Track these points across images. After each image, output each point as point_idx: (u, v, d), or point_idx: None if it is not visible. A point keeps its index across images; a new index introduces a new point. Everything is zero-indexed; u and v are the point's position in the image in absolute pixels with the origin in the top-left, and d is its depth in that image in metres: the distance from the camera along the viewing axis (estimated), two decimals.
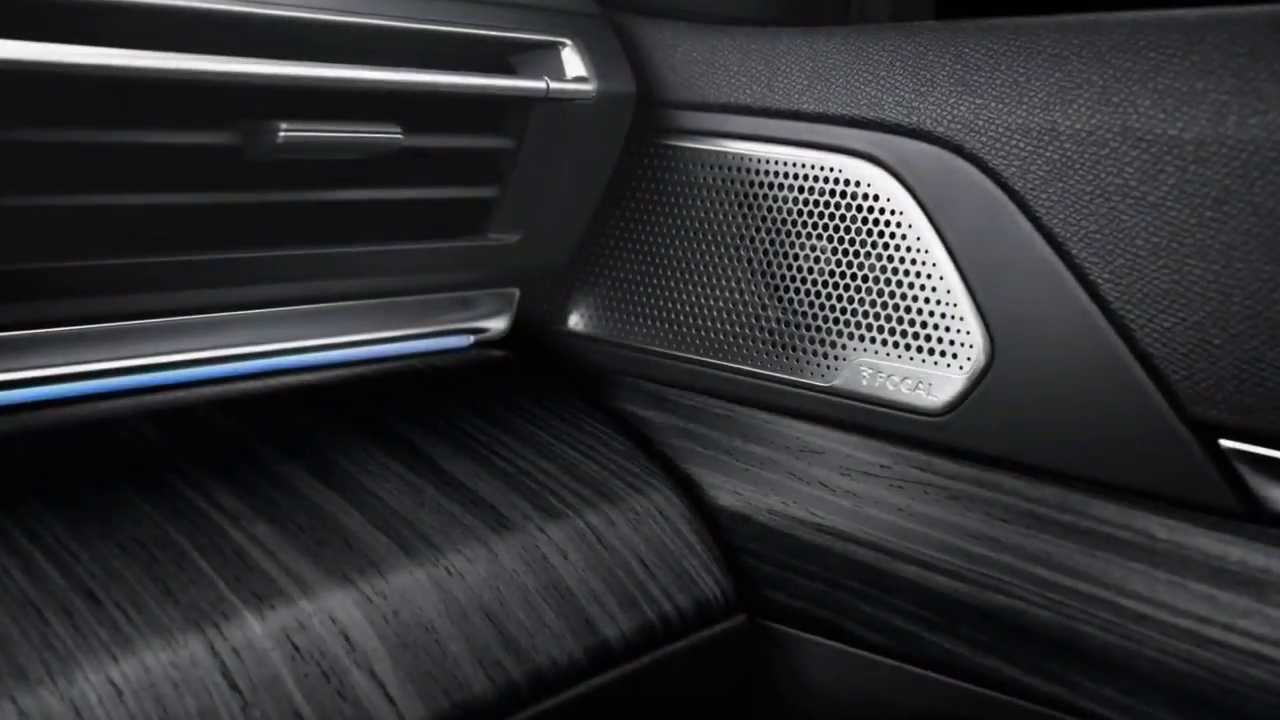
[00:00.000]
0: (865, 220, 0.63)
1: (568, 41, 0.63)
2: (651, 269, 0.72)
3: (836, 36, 0.65)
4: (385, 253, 0.62)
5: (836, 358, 0.65)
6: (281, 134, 0.52)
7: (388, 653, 0.49)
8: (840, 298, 0.65)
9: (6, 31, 0.43)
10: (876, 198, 0.63)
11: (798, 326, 0.66)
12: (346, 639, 0.48)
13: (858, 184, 0.63)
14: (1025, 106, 0.57)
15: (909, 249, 0.62)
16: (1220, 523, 0.55)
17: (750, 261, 0.68)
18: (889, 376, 0.63)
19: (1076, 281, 0.56)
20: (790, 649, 0.66)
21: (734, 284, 0.68)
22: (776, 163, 0.66)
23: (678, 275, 0.71)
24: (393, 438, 0.62)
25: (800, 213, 0.66)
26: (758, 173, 0.67)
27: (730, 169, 0.68)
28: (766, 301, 0.67)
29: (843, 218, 0.64)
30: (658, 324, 0.72)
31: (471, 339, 0.74)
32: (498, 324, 0.75)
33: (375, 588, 0.51)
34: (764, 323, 0.68)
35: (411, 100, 0.61)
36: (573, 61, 0.63)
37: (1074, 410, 0.57)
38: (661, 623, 0.60)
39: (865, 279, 0.64)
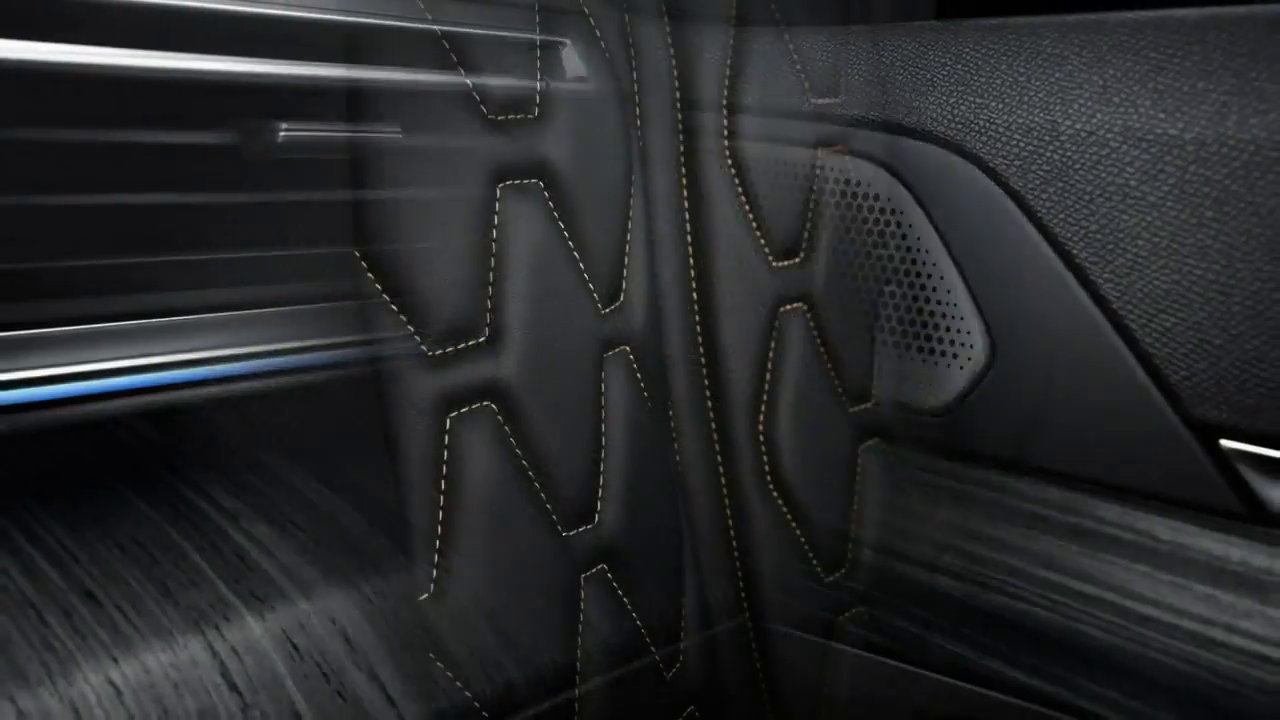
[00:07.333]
0: (866, 219, 0.64)
1: (567, 41, 0.64)
2: None
3: (837, 37, 0.66)
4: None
5: None
6: (281, 134, 0.54)
7: (388, 653, 0.50)
8: None
9: (5, 31, 0.44)
10: (878, 197, 0.64)
11: None
12: (346, 639, 0.50)
13: (859, 183, 0.65)
14: (1026, 106, 0.59)
15: (910, 248, 0.63)
16: (1222, 523, 0.57)
17: None
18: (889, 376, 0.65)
19: (1077, 281, 0.58)
20: (790, 650, 0.67)
21: None
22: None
23: None
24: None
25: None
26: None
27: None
28: None
29: (844, 217, 0.65)
30: None
31: None
32: None
33: (375, 588, 0.52)
34: None
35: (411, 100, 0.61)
36: (572, 61, 0.64)
37: (1075, 410, 0.59)
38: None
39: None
